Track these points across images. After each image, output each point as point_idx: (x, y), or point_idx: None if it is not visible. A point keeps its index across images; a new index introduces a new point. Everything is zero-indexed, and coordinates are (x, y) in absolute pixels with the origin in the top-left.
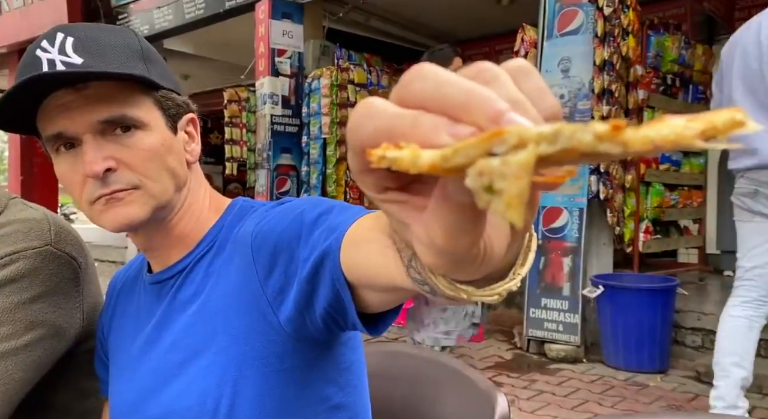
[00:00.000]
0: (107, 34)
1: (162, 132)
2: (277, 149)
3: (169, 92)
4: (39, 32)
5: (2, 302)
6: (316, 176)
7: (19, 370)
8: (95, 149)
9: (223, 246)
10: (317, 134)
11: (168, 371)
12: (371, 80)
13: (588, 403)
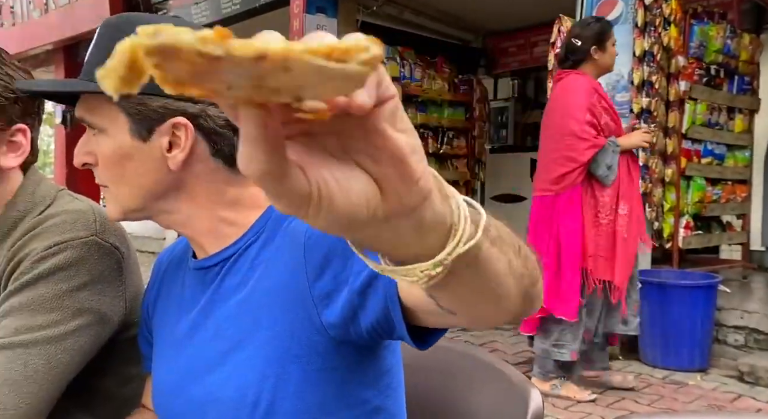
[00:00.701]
0: (112, 33)
1: (121, 140)
2: None
3: (145, 97)
4: (82, 29)
5: (51, 289)
6: None
7: (67, 355)
8: (83, 143)
9: (272, 238)
10: None
11: (211, 358)
12: (404, 73)
13: (624, 401)
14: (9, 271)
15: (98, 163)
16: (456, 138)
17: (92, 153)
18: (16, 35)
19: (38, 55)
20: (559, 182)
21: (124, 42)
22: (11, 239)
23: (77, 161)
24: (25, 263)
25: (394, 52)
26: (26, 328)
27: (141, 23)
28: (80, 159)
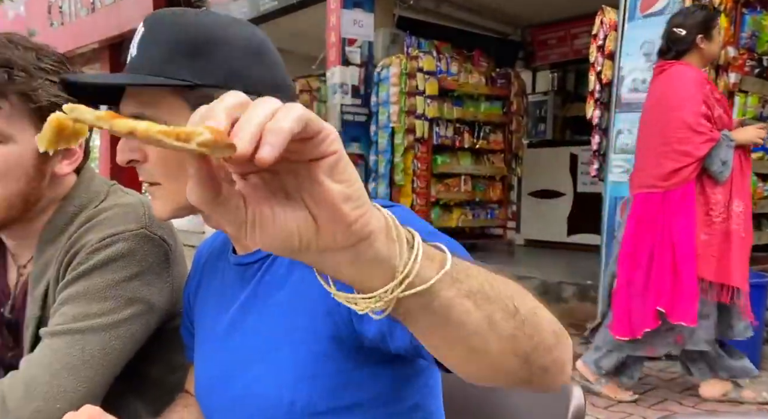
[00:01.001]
0: (168, 26)
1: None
2: (346, 138)
3: (213, 89)
4: (127, 28)
5: (105, 279)
6: (383, 164)
7: (119, 341)
8: (126, 140)
9: None
10: (385, 123)
11: (249, 355)
12: (440, 68)
13: (667, 402)
14: (66, 261)
15: (147, 159)
16: (492, 133)
17: (139, 150)
18: (64, 34)
19: (85, 53)
20: (670, 179)
21: (52, 116)
22: (68, 232)
23: (122, 158)
24: (81, 254)
25: (430, 46)
26: (83, 315)
27: (182, 18)
28: (126, 156)
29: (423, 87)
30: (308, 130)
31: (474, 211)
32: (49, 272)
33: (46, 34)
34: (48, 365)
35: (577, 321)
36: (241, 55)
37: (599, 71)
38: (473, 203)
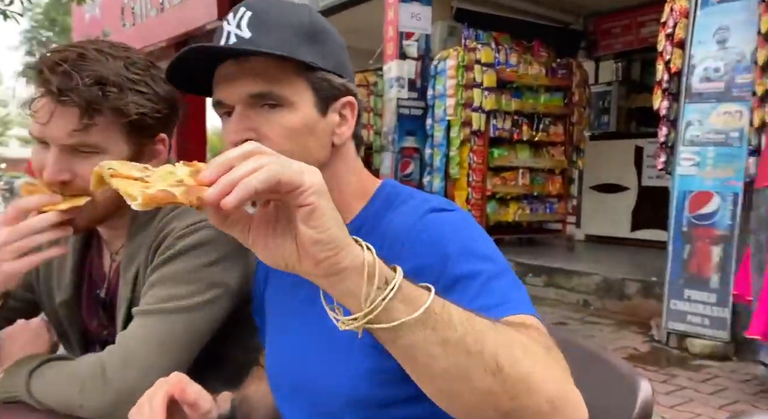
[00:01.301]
0: (281, 10)
1: (307, 113)
2: (402, 132)
3: (328, 74)
4: (193, 26)
5: (189, 264)
6: (439, 158)
7: (202, 322)
8: (240, 120)
9: (370, 233)
10: (442, 116)
11: (316, 345)
12: (499, 59)
13: (738, 403)
14: (155, 247)
15: (261, 138)
16: (552, 125)
17: (254, 129)
18: (135, 34)
19: (153, 52)
20: None
21: (94, 170)
22: (155, 221)
23: (238, 138)
24: (167, 241)
25: (488, 37)
26: (170, 297)
27: (290, 6)
28: (241, 135)
29: (480, 79)
30: (282, 186)
31: (532, 205)
32: (139, 258)
33: (118, 34)
34: (140, 340)
35: (641, 319)
36: (340, 47)
37: (668, 60)
38: (531, 197)
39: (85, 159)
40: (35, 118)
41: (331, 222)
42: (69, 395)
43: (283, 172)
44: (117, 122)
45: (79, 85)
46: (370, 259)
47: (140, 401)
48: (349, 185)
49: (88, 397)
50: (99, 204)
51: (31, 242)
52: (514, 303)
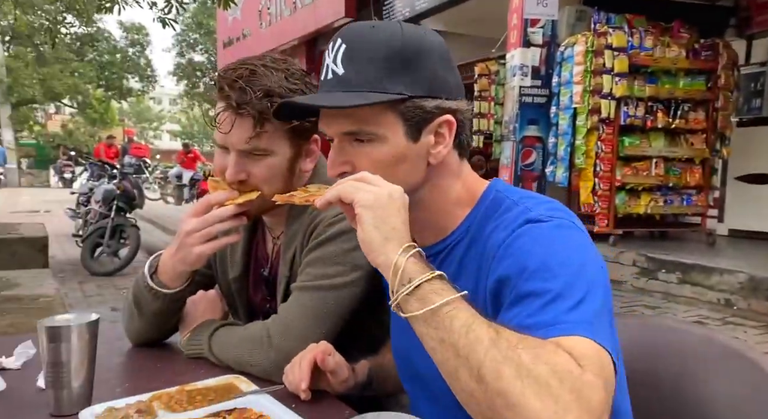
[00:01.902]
0: (372, 40)
1: (397, 143)
2: (523, 121)
3: (420, 100)
4: (322, 24)
5: (337, 248)
6: (563, 147)
7: (347, 299)
8: (337, 154)
9: (475, 240)
10: (567, 104)
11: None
12: (632, 43)
13: None
14: (309, 232)
15: (355, 169)
16: (693, 110)
17: (349, 162)
18: (270, 34)
19: (285, 49)
20: None
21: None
22: (309, 209)
23: (335, 172)
24: (320, 227)
25: (621, 20)
26: (322, 275)
27: (385, 32)
28: (338, 169)
29: (611, 64)
30: (343, 199)
31: (666, 197)
32: (296, 241)
33: (256, 34)
34: (298, 312)
35: None
36: (439, 62)
37: None
38: (665, 188)
39: (258, 161)
40: (219, 128)
41: (370, 228)
42: (241, 355)
43: (344, 190)
44: (282, 128)
45: (252, 99)
46: (400, 261)
47: (293, 361)
48: (451, 193)
49: (256, 358)
50: (267, 198)
51: (215, 230)
52: (566, 325)
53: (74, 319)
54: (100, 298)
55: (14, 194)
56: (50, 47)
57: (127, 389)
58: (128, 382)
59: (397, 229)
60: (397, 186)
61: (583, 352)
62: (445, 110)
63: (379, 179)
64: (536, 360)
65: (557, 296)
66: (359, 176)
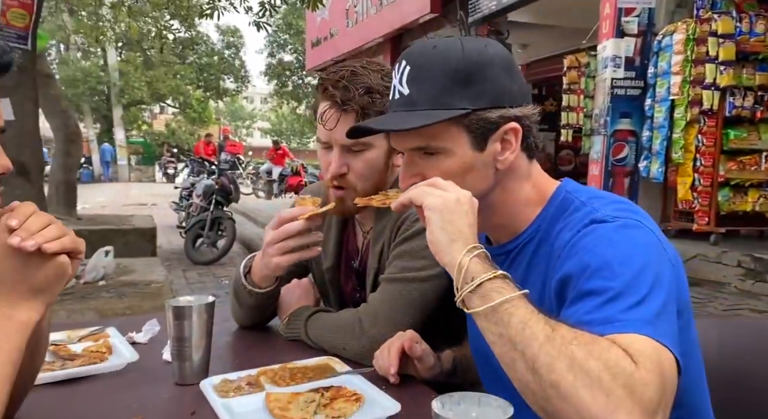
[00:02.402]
0: (435, 59)
1: (463, 154)
2: (615, 114)
3: (484, 112)
4: (407, 21)
5: (423, 243)
6: (659, 141)
7: (431, 291)
8: (407, 167)
9: (545, 239)
10: (664, 96)
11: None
12: (741, 29)
13: None
14: (396, 227)
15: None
16: None
17: (419, 174)
18: (356, 32)
19: (371, 47)
20: None
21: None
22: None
23: (405, 184)
24: (407, 222)
25: (728, 4)
26: (408, 268)
27: (447, 50)
28: (409, 182)
29: (715, 52)
30: (414, 203)
31: None
32: (384, 236)
33: (343, 33)
34: (386, 302)
35: None
36: (502, 73)
37: None
38: None
39: (358, 156)
40: (324, 125)
41: (437, 230)
42: (335, 339)
43: (415, 194)
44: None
45: (355, 95)
46: (464, 261)
47: (382, 347)
48: (521, 194)
49: (349, 343)
50: (361, 194)
51: (289, 245)
52: (623, 323)
53: (194, 300)
54: (201, 285)
55: (125, 188)
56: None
57: (237, 364)
58: (237, 358)
59: (463, 231)
60: (465, 191)
61: (639, 349)
62: (510, 118)
63: (449, 184)
64: (589, 356)
65: (617, 294)
66: (431, 181)
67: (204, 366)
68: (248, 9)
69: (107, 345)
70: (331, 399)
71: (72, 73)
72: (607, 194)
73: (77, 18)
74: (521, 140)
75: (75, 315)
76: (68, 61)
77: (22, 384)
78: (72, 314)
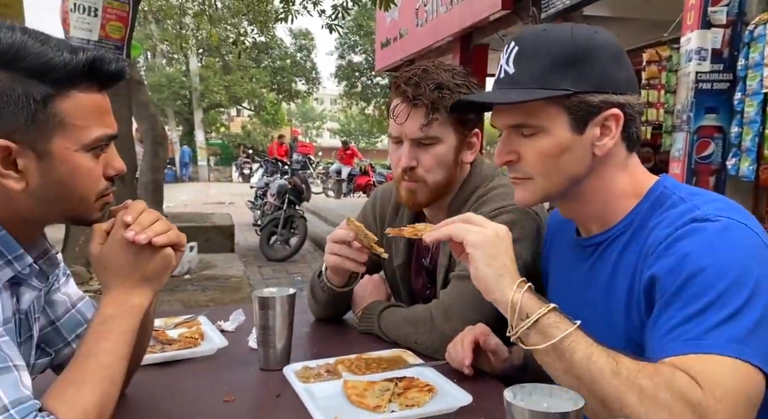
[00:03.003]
0: (543, 42)
1: (561, 136)
2: (700, 110)
3: (586, 95)
4: (478, 18)
5: None
6: (750, 137)
7: None
8: (504, 144)
9: (637, 233)
10: (756, 89)
11: (585, 319)
12: None
13: None
14: None
15: (521, 159)
16: None
17: (514, 152)
18: (426, 31)
19: (440, 46)
20: None
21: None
22: (467, 204)
23: (500, 161)
24: None
25: None
26: None
27: (556, 33)
28: (503, 158)
29: None
30: (454, 239)
31: None
32: None
33: (412, 33)
34: (457, 299)
35: None
36: (609, 60)
37: None
38: None
39: (427, 150)
40: (395, 119)
41: (483, 267)
42: (407, 333)
43: (454, 230)
44: (449, 118)
45: (425, 91)
46: (516, 297)
47: (455, 340)
48: (616, 185)
49: (420, 337)
50: (432, 187)
51: (336, 247)
52: (706, 343)
53: (277, 291)
54: (276, 281)
55: (205, 187)
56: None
57: (315, 353)
58: (316, 348)
59: (507, 266)
60: (502, 226)
61: (710, 375)
62: (612, 103)
63: (483, 219)
64: (657, 387)
65: (707, 306)
66: (466, 218)
67: (286, 353)
68: (321, 12)
69: (199, 331)
70: (405, 389)
71: (158, 79)
72: (708, 191)
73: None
74: (622, 129)
75: (163, 305)
76: (154, 68)
77: (134, 362)
78: (161, 305)
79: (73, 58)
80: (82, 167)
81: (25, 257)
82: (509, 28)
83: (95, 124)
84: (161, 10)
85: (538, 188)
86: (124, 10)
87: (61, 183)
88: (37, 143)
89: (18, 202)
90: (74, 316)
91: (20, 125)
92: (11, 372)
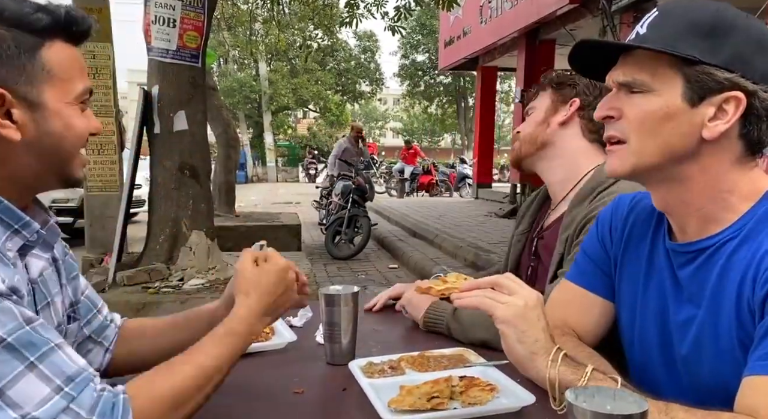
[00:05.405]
0: (685, 9)
1: (669, 101)
2: None
3: (712, 68)
4: (544, 14)
5: None
6: None
7: None
8: (609, 99)
9: (747, 241)
10: None
11: (682, 331)
12: None
13: None
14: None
15: (621, 117)
16: None
17: (617, 108)
18: (490, 29)
19: (505, 43)
20: None
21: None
22: (587, 201)
23: (600, 114)
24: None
25: None
26: None
27: (700, 3)
28: (603, 113)
29: None
30: (485, 311)
31: None
32: (573, 226)
33: (476, 31)
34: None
35: None
36: (750, 43)
37: None
38: None
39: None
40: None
41: (515, 344)
42: (485, 334)
43: (483, 302)
44: (548, 83)
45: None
46: (553, 374)
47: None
48: (725, 181)
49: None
50: (522, 140)
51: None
52: None
53: (342, 289)
54: (340, 279)
55: (273, 187)
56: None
57: (379, 349)
58: (379, 345)
59: (540, 339)
60: (532, 294)
61: None
62: (739, 86)
63: (513, 285)
64: None
65: None
66: (495, 282)
67: (351, 348)
68: (384, 14)
69: (270, 326)
70: (467, 387)
71: (229, 84)
72: None
73: (234, 34)
74: (742, 124)
75: None
76: (226, 74)
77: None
78: None
79: (52, 12)
80: (72, 119)
81: (31, 223)
82: (577, 22)
83: (78, 76)
84: (233, 17)
85: (630, 154)
86: (200, 20)
87: (55, 135)
88: (29, 94)
89: (15, 159)
90: (85, 302)
91: (12, 74)
92: (55, 352)
